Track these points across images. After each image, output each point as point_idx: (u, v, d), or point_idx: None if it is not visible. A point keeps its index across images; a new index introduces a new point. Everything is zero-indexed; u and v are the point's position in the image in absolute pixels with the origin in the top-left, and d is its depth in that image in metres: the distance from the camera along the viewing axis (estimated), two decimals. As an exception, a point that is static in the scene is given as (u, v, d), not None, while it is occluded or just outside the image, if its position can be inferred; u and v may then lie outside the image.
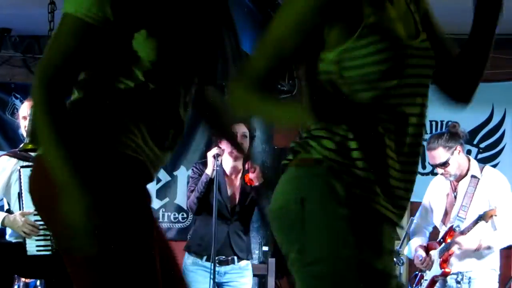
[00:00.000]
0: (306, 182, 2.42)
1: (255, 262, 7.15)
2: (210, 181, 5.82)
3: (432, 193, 6.39)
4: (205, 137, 7.66)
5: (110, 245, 2.62)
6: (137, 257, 2.70)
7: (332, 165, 2.38)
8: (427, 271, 6.18)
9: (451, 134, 6.16)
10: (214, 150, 5.73)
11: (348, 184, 2.39)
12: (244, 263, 6.31)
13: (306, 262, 2.38)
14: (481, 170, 6.21)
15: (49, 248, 5.46)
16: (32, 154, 5.41)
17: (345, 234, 2.35)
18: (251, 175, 6.06)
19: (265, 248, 7.33)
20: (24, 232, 5.57)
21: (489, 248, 5.97)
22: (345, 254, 2.36)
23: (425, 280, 6.18)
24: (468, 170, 6.15)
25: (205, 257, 5.81)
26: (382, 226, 2.43)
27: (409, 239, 6.44)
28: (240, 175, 6.18)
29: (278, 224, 2.47)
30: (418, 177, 7.79)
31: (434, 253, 6.16)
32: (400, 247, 6.52)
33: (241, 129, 6.03)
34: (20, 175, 5.66)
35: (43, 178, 2.61)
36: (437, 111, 7.95)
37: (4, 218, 5.66)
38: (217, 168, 5.80)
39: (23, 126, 5.86)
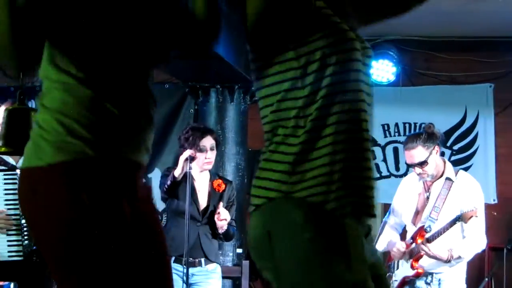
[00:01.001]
0: (271, 217, 2.43)
1: (229, 264, 7.16)
2: (175, 182, 5.76)
3: (403, 192, 6.32)
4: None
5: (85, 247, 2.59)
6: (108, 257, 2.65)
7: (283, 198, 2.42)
8: (396, 272, 6.15)
9: (429, 134, 6.09)
10: (186, 153, 5.69)
11: (307, 209, 2.40)
12: (212, 266, 6.23)
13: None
14: (456, 173, 6.16)
15: (21, 254, 5.34)
16: (4, 157, 5.37)
17: (313, 256, 2.37)
18: (218, 182, 6.11)
19: (239, 251, 7.26)
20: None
21: (459, 257, 5.90)
22: (317, 276, 2.38)
23: (395, 280, 6.13)
24: (443, 171, 6.08)
25: (173, 258, 5.75)
26: (348, 235, 2.43)
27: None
28: (208, 179, 6.16)
29: (254, 254, 2.49)
30: (392, 179, 7.76)
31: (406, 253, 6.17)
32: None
33: (209, 142, 6.04)
34: (-8, 178, 5.55)
35: (30, 191, 2.62)
36: (411, 113, 7.57)
37: None
38: (189, 170, 5.74)
39: None
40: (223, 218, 6.00)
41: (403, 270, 6.13)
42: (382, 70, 8.00)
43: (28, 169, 2.67)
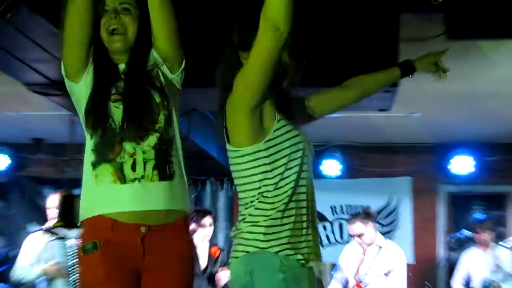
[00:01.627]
0: (252, 261, 2.36)
1: None
2: None
3: (347, 255, 6.32)
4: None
5: None
6: None
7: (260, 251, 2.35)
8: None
9: (366, 214, 6.17)
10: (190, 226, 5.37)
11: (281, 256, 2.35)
12: None
13: None
14: (384, 242, 6.23)
15: None
16: (59, 230, 5.23)
17: None
18: (214, 249, 5.87)
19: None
20: (54, 274, 5.20)
21: None
22: None
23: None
24: (375, 240, 6.15)
25: None
26: (308, 278, 2.40)
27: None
28: (208, 247, 5.86)
29: (236, 285, 2.41)
30: (338, 245, 7.73)
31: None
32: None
33: (208, 220, 5.90)
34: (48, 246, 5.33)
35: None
36: (352, 198, 7.97)
37: (44, 269, 5.25)
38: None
39: (49, 211, 5.55)
40: (223, 277, 5.74)
41: (345, 311, 6.20)
42: (331, 167, 7.83)
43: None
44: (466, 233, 6.99)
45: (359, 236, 6.16)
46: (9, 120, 6.46)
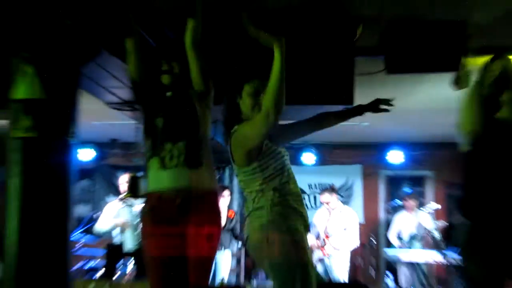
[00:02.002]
0: (267, 230, 2.29)
1: (235, 249, 6.04)
2: None
3: (319, 216, 6.24)
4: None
5: None
6: None
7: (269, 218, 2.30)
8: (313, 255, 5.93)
9: (331, 189, 6.24)
10: None
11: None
12: (227, 251, 5.71)
13: (274, 277, 2.27)
14: (343, 207, 6.21)
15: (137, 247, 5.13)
16: (128, 199, 5.27)
17: (291, 247, 2.27)
18: (230, 212, 5.89)
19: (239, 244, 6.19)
20: (124, 227, 5.19)
21: (343, 248, 5.96)
22: (291, 257, 2.26)
23: (310, 267, 5.79)
24: (337, 206, 6.16)
25: None
26: (304, 240, 2.34)
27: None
28: (226, 211, 5.84)
29: (253, 252, 2.36)
30: (312, 210, 7.65)
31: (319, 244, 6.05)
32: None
33: (226, 192, 5.80)
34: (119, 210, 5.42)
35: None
36: (323, 179, 7.71)
37: (117, 224, 5.29)
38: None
39: (121, 186, 5.54)
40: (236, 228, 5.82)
41: (317, 254, 6.01)
42: (308, 158, 7.51)
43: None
44: (398, 202, 6.96)
45: (327, 203, 6.15)
46: (95, 127, 6.41)
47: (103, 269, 5.16)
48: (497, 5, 3.18)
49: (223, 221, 5.47)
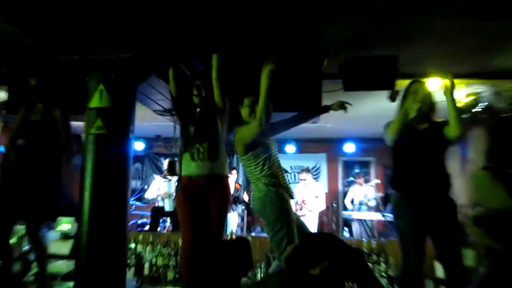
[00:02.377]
0: (264, 199, 2.28)
1: (240, 211, 5.84)
2: None
3: (298, 189, 6.11)
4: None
5: None
6: None
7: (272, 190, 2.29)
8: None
9: (307, 169, 6.16)
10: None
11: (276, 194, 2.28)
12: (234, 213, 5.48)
13: (270, 225, 2.27)
14: (315, 182, 6.23)
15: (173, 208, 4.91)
16: (168, 176, 5.10)
17: (279, 209, 2.28)
18: (236, 185, 5.74)
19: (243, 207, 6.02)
20: (165, 196, 5.04)
21: (314, 210, 5.89)
22: (280, 216, 2.27)
23: (292, 220, 5.67)
24: (311, 182, 6.10)
25: None
26: (286, 201, 2.33)
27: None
28: (233, 184, 5.65)
29: (257, 210, 2.34)
30: (292, 184, 7.30)
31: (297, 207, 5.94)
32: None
33: (234, 171, 5.60)
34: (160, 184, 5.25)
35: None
36: (301, 163, 7.48)
37: (160, 194, 5.12)
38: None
39: (163, 167, 5.51)
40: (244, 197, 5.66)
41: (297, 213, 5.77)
42: (290, 148, 7.18)
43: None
44: (351, 178, 6.87)
45: (304, 180, 6.11)
46: (145, 127, 6.27)
47: (149, 225, 5.11)
48: (419, 45, 3.20)
49: (231, 192, 5.47)
